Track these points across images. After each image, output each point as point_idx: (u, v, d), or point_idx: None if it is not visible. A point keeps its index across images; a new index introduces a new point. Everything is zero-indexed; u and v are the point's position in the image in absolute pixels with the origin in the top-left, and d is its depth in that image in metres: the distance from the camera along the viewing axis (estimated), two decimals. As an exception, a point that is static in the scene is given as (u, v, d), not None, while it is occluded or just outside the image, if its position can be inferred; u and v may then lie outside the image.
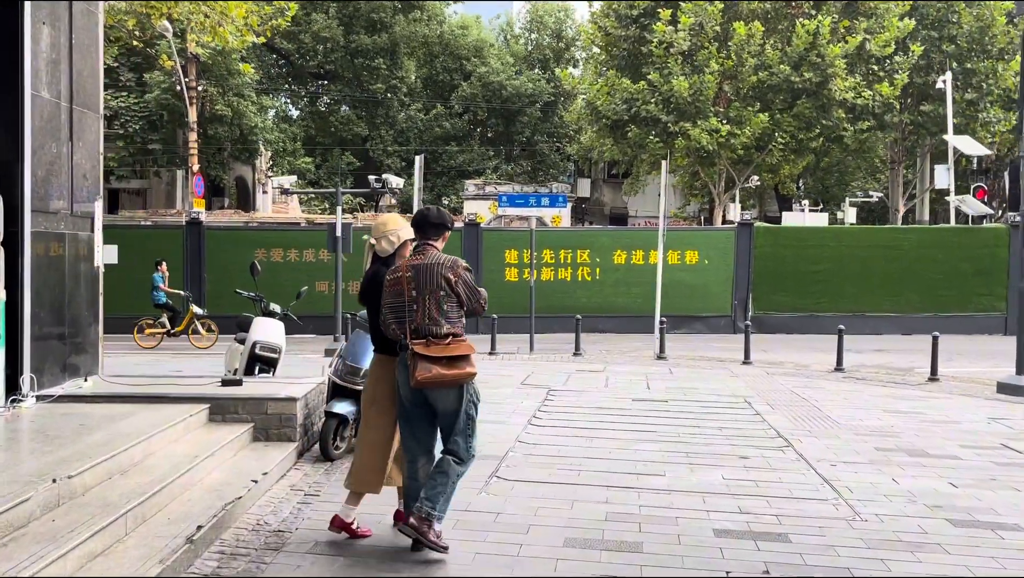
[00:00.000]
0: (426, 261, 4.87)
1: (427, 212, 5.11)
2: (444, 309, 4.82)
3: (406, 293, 4.83)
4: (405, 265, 4.92)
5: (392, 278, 4.93)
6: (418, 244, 5.02)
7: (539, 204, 16.71)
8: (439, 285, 4.81)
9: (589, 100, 29.38)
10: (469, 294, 4.92)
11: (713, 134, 27.06)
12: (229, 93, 30.18)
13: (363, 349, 7.13)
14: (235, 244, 21.09)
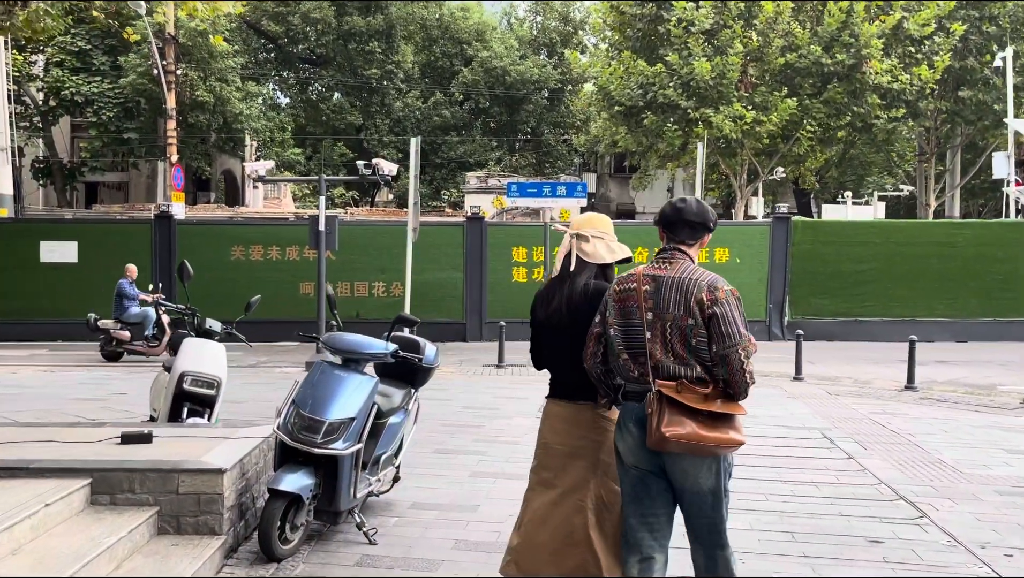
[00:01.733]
0: (673, 274, 3.60)
1: (682, 205, 3.77)
2: (692, 345, 3.52)
3: (639, 313, 3.59)
4: (641, 274, 3.67)
5: (622, 289, 3.67)
6: (665, 249, 3.73)
7: (554, 194, 14.39)
8: (688, 310, 3.52)
9: (601, 84, 27.06)
10: (728, 332, 3.48)
11: (737, 121, 24.75)
12: (211, 78, 27.90)
13: (332, 391, 4.89)
14: (210, 241, 18.80)
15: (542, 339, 4.10)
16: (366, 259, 18.72)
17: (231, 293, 18.82)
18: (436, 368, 6.04)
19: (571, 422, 3.92)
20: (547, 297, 4.06)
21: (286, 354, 16.75)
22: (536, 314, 4.11)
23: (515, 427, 8.97)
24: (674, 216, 3.70)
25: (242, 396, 10.89)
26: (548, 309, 4.02)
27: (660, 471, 3.55)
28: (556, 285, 4.03)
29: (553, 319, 3.98)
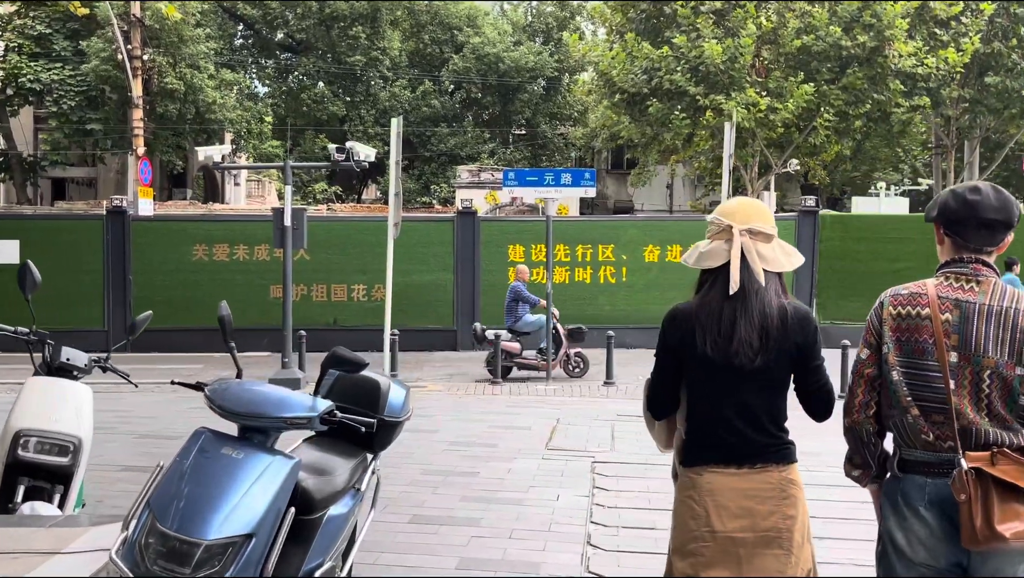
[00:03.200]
0: (988, 300, 2.61)
1: (976, 197, 2.68)
2: (1020, 402, 2.58)
3: (937, 352, 2.61)
4: (936, 296, 2.64)
5: (906, 315, 2.66)
6: (960, 261, 2.69)
7: (557, 182, 12.39)
8: (1018, 355, 2.57)
9: (602, 70, 25.10)
10: None
11: (751, 108, 22.82)
12: (181, 64, 25.83)
13: (216, 488, 2.92)
14: (169, 239, 16.76)
15: (699, 380, 2.90)
16: (345, 259, 16.72)
17: (193, 299, 16.84)
18: (405, 420, 4.09)
19: (755, 496, 2.85)
20: (716, 321, 2.84)
21: (250, 368, 14.66)
22: (688, 344, 2.87)
23: (519, 475, 7.00)
24: (965, 212, 2.66)
25: (180, 430, 8.85)
26: (724, 339, 2.82)
27: (959, 570, 2.66)
28: (727, 305, 2.84)
29: (734, 354, 2.82)
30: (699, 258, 2.88)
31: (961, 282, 2.63)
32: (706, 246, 2.87)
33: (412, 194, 30.38)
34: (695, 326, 2.82)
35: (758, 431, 2.82)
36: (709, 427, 2.86)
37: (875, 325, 2.72)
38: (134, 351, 16.81)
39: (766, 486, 2.80)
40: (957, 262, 2.66)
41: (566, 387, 12.24)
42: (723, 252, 2.81)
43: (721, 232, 2.85)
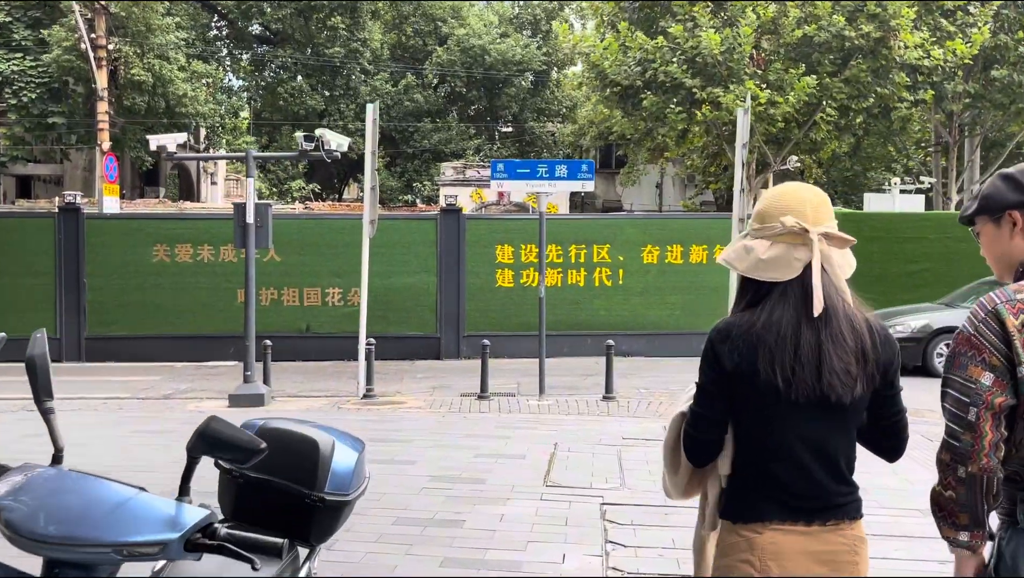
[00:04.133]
0: None
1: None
2: None
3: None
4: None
5: (984, 331, 2.16)
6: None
7: (552, 175, 11.13)
8: None
9: (594, 61, 23.87)
10: None
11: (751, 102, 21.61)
12: (150, 55, 24.42)
13: None
14: (127, 239, 15.42)
15: (761, 418, 2.26)
16: (319, 260, 15.42)
17: (153, 304, 15.47)
18: (357, 497, 2.80)
19: (831, 560, 2.26)
20: (793, 347, 2.20)
21: (212, 379, 13.43)
22: (748, 372, 2.22)
23: (513, 524, 5.74)
24: None
25: (110, 459, 7.55)
26: (808, 370, 2.19)
27: None
28: (808, 328, 2.19)
29: (828, 388, 2.19)
30: (758, 266, 2.28)
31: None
32: (767, 251, 2.27)
33: (394, 192, 29.07)
34: (758, 351, 2.23)
35: (837, 479, 2.31)
36: (772, 474, 2.29)
37: (994, 341, 2.10)
38: (89, 360, 15.52)
39: (841, 548, 2.30)
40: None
41: (561, 403, 11.00)
42: (793, 261, 2.25)
43: (787, 235, 2.26)
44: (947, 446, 2.13)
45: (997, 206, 2.23)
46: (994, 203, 2.23)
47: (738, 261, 2.31)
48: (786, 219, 2.25)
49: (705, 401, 2.30)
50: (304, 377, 13.50)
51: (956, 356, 2.12)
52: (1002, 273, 2.28)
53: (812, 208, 2.29)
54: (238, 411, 10.66)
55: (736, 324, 2.28)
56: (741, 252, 2.31)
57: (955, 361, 2.12)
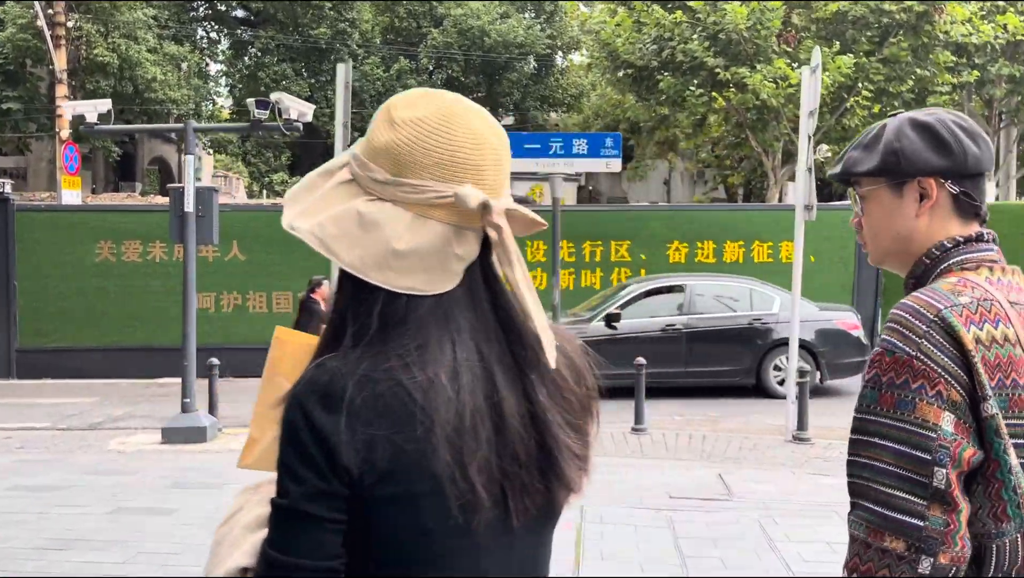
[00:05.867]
0: None
1: (979, 134, 1.55)
2: None
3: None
4: (1009, 307, 1.43)
5: (993, 338, 1.38)
6: (973, 241, 1.51)
7: (569, 152, 8.82)
8: None
9: (605, 40, 21.65)
10: None
11: (780, 83, 19.46)
12: (115, 33, 22.21)
13: None
14: (66, 234, 13.17)
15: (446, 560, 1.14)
16: (290, 259, 13.11)
17: (95, 310, 13.15)
18: None
19: None
20: (478, 424, 1.11)
21: (159, 401, 11.16)
22: (410, 480, 1.09)
23: None
24: (984, 155, 1.53)
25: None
26: (517, 466, 1.15)
27: None
28: (493, 387, 1.14)
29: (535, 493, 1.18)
30: (390, 262, 1.13)
31: (1008, 276, 1.48)
32: (409, 232, 1.12)
33: (385, 186, 26.85)
34: (427, 440, 1.15)
35: None
36: None
37: (949, 366, 1.35)
38: (21, 377, 13.28)
39: None
40: (978, 241, 1.51)
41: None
42: (451, 260, 1.15)
43: (449, 209, 1.13)
44: (897, 529, 1.32)
45: (908, 168, 1.49)
46: (905, 163, 1.49)
47: (346, 244, 1.13)
48: (465, 190, 1.11)
49: (302, 537, 1.09)
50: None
51: (890, 389, 1.35)
52: (884, 259, 1.57)
53: (494, 162, 1.16)
54: (173, 449, 8.43)
55: (356, 379, 1.08)
56: (351, 226, 1.13)
57: (890, 396, 1.35)
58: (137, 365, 13.00)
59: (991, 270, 1.47)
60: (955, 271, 1.46)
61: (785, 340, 10.21)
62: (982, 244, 1.49)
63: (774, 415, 9.92)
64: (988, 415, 1.34)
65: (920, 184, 1.50)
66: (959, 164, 1.48)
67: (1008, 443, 1.35)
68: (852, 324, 11.63)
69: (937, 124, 1.51)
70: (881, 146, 1.52)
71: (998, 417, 1.34)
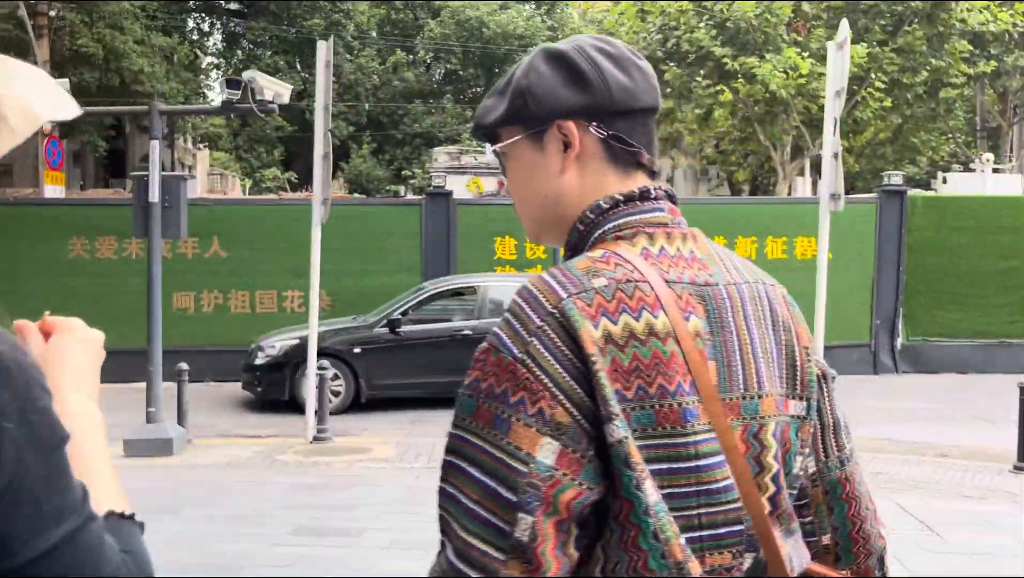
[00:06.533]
0: (732, 275, 1.20)
1: (639, 63, 1.23)
2: (796, 469, 1.21)
3: (711, 409, 1.09)
4: (664, 287, 1.11)
5: (633, 331, 1.07)
6: (635, 199, 1.20)
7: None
8: (792, 375, 1.21)
9: (608, 29, 20.95)
10: (841, 415, 1.31)
11: (790, 73, 18.72)
12: (99, 23, 21.46)
13: None
14: (36, 230, 12.42)
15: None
16: (274, 256, 12.39)
17: (68, 310, 12.43)
18: None
19: None
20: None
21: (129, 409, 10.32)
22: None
23: None
24: (642, 84, 1.22)
25: None
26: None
27: None
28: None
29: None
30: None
31: (677, 243, 1.18)
32: None
33: (381, 182, 26.09)
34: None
35: None
36: None
37: (559, 373, 1.07)
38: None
39: None
40: (643, 200, 1.20)
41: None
42: None
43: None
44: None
45: (539, 110, 1.20)
46: (534, 103, 1.20)
47: None
48: None
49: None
50: (247, 408, 10.51)
51: (488, 400, 1.06)
52: (539, 232, 1.29)
53: None
54: (134, 464, 7.67)
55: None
56: None
57: (487, 410, 1.05)
58: (112, 369, 12.01)
59: (651, 238, 1.16)
60: (608, 240, 1.17)
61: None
62: (648, 203, 1.20)
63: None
64: (614, 440, 1.05)
65: (560, 129, 1.21)
66: (603, 99, 1.20)
67: (644, 475, 1.05)
68: None
69: (573, 52, 1.22)
70: (507, 87, 1.24)
71: (628, 442, 1.05)
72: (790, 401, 1.18)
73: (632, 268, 1.10)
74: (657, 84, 1.24)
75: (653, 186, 1.20)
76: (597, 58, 1.19)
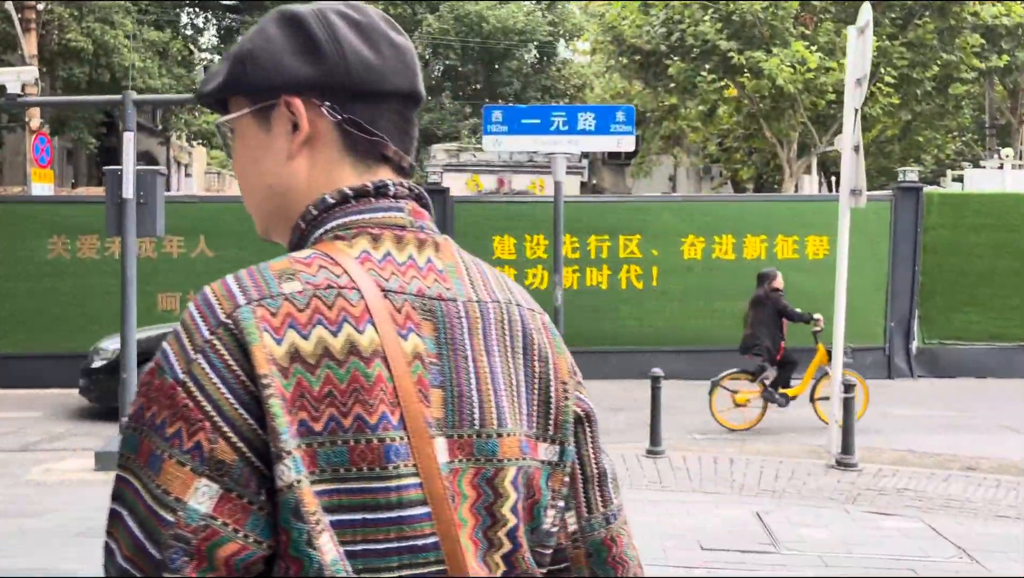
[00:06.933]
0: (476, 292, 1.01)
1: (366, 18, 1.02)
2: (545, 524, 1.02)
3: (418, 446, 0.90)
4: (379, 296, 0.93)
5: (326, 349, 0.89)
6: (369, 195, 1.01)
7: (573, 128, 7.50)
8: (546, 411, 1.02)
9: (610, 23, 20.44)
10: (608, 465, 1.11)
11: (798, 67, 18.20)
12: (89, 17, 20.97)
13: None
14: (13, 229, 11.93)
15: None
16: (264, 256, 11.56)
17: (49, 314, 11.93)
18: None
19: None
20: None
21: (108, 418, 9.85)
22: None
23: None
24: (392, 62, 1.01)
25: None
26: None
27: None
28: None
29: None
30: None
31: (408, 249, 1.01)
32: None
33: (378, 180, 25.59)
34: None
35: None
36: None
37: (227, 397, 0.87)
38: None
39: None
40: (380, 197, 1.03)
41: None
42: None
43: None
44: None
45: (261, 80, 1.02)
46: (254, 71, 1.02)
47: None
48: None
49: None
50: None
51: (149, 432, 0.89)
52: (270, 227, 1.10)
53: None
54: (105, 478, 7.13)
55: None
56: None
57: (147, 445, 0.89)
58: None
59: (376, 240, 0.97)
60: (326, 241, 0.99)
61: None
62: (383, 200, 1.01)
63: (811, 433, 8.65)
64: (283, 484, 0.85)
65: (288, 107, 1.01)
66: (338, 75, 1.00)
67: (319, 528, 0.85)
68: None
69: (310, 16, 1.02)
70: (232, 53, 1.05)
71: (301, 487, 0.85)
72: (540, 444, 1.01)
73: (340, 272, 0.93)
74: (418, 66, 1.05)
75: (394, 182, 1.02)
76: (337, 25, 1.00)
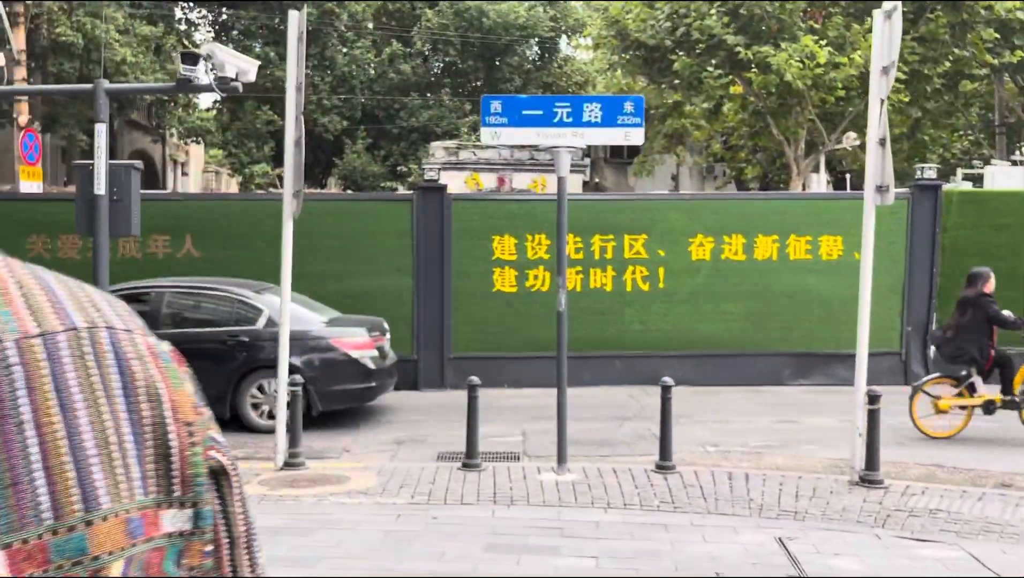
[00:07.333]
0: (29, 322, 0.67)
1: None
2: None
3: None
4: None
5: None
6: None
7: (579, 120, 6.98)
8: (181, 459, 0.73)
9: (614, 17, 19.91)
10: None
11: (807, 62, 17.68)
12: (79, 12, 20.48)
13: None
14: (-9, 226, 11.41)
15: None
16: (253, 256, 11.35)
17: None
18: None
19: None
20: None
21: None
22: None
23: None
24: None
25: None
26: None
27: None
28: None
29: None
30: None
31: None
32: None
33: (376, 179, 25.05)
34: None
35: None
36: None
37: None
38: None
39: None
40: None
41: (592, 476, 6.95)
42: None
43: None
44: None
45: None
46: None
47: None
48: None
49: None
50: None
51: None
52: None
53: None
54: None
55: None
56: None
57: None
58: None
59: None
60: None
61: (271, 362, 7.93)
62: None
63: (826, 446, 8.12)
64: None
65: None
66: None
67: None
68: (353, 343, 9.21)
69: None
70: None
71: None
72: (163, 511, 0.74)
73: None
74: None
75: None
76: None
